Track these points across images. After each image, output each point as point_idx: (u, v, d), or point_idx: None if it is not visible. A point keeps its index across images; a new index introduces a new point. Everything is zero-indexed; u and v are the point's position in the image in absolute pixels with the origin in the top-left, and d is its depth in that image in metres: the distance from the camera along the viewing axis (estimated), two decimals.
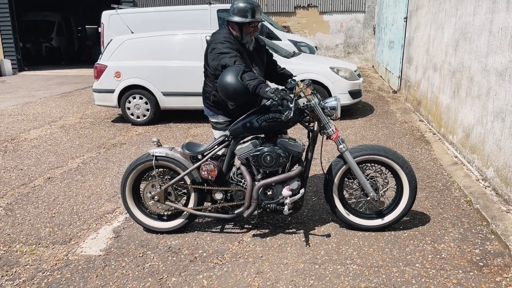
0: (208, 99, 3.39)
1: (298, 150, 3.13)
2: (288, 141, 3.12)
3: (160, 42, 6.94)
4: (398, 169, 3.13)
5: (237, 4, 3.15)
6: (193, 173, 3.24)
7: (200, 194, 3.28)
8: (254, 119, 3.06)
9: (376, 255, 2.97)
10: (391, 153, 3.13)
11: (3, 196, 4.28)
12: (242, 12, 3.13)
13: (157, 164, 3.25)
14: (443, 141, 5.48)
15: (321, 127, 3.08)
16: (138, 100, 7.09)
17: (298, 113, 3.05)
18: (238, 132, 3.13)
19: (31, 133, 6.83)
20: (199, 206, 3.29)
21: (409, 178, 3.13)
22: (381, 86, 10.54)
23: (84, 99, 9.97)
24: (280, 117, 3.00)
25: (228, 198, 3.28)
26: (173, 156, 3.23)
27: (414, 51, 7.85)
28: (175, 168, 3.25)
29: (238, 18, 3.14)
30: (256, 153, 3.08)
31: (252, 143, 3.13)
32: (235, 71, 2.87)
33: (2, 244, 3.33)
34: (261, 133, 3.14)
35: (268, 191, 3.15)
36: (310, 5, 15.34)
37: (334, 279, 2.72)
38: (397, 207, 3.23)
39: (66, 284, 2.78)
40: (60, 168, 5.10)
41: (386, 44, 11.66)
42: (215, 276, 2.80)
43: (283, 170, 3.17)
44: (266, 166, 3.10)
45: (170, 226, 3.38)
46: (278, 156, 3.06)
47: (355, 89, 6.89)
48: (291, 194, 3.07)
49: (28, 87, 12.26)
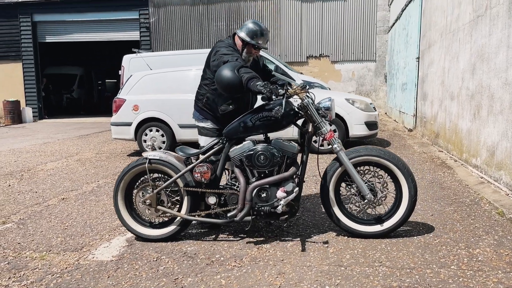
0: (200, 101, 3.42)
1: (292, 151, 3.05)
2: (283, 141, 3.09)
3: (176, 77, 7.13)
4: (397, 171, 2.99)
5: (251, 24, 3.29)
6: (186, 176, 3.14)
7: (193, 199, 3.16)
8: (247, 119, 3.07)
9: (406, 258, 2.76)
10: (389, 155, 3.00)
11: (16, 213, 4.19)
12: (252, 33, 3.26)
13: (151, 167, 3.17)
14: (466, 166, 5.31)
15: (315, 127, 3.03)
16: (154, 132, 7.15)
17: (292, 114, 3.04)
18: (232, 132, 3.10)
19: (47, 165, 6.85)
20: (192, 212, 3.15)
21: (408, 182, 2.97)
22: (395, 127, 10.50)
23: (101, 140, 10.11)
24: (273, 115, 2.97)
25: (221, 202, 3.17)
26: (166, 159, 3.16)
27: (428, 87, 7.89)
28: (169, 172, 3.17)
29: (246, 36, 3.26)
30: (250, 153, 3.02)
31: (246, 144, 3.10)
32: (233, 65, 2.98)
33: (11, 251, 3.20)
34: (255, 133, 3.09)
35: (262, 193, 3.02)
36: (322, 55, 15.82)
37: (362, 279, 2.51)
38: (397, 212, 3.05)
39: (76, 284, 2.62)
40: (75, 191, 5.04)
41: (399, 87, 11.79)
42: (234, 276, 2.61)
43: (278, 172, 3.07)
44: (260, 166, 3.02)
45: (162, 233, 3.22)
46: (272, 156, 2.99)
47: (371, 121, 6.86)
48: (286, 196, 2.95)
49: (47, 131, 12.55)
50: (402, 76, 11.21)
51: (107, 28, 16.07)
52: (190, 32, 15.80)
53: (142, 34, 15.79)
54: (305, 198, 4.34)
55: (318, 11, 15.42)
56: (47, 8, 15.99)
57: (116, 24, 15.99)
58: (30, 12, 16.04)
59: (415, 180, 3.01)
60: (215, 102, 3.33)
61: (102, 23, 16.01)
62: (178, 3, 15.70)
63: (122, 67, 10.17)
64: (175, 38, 15.85)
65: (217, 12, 15.60)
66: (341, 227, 3.12)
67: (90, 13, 15.86)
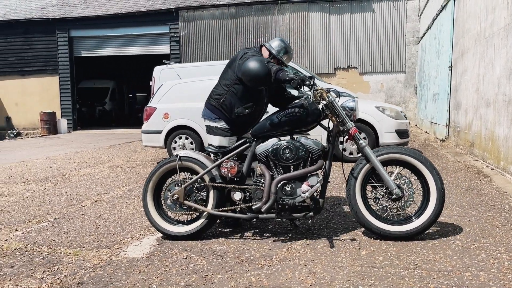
0: (216, 100, 3.44)
1: (317, 147, 3.09)
2: (307, 138, 3.15)
3: (205, 86, 7.20)
4: (420, 166, 2.94)
5: (279, 41, 3.48)
6: (213, 171, 3.22)
7: (219, 195, 3.21)
8: (274, 116, 3.15)
9: (443, 261, 2.65)
10: (410, 151, 2.98)
11: (51, 213, 4.31)
12: (279, 47, 3.45)
13: (181, 165, 3.25)
14: (504, 174, 5.10)
15: (339, 123, 3.03)
16: (184, 140, 7.25)
17: (317, 113, 3.10)
18: (259, 130, 3.18)
19: (81, 171, 7.05)
20: (217, 208, 3.20)
21: (433, 174, 2.91)
22: (427, 138, 10.25)
23: (131, 149, 10.34)
24: (299, 111, 3.06)
25: (246, 199, 3.20)
26: (196, 156, 3.26)
27: (462, 95, 7.68)
28: (198, 169, 3.25)
29: (274, 49, 3.42)
30: (275, 147, 3.09)
31: (271, 140, 3.17)
32: (262, 58, 3.14)
33: (46, 248, 3.28)
34: (280, 130, 3.14)
35: (287, 186, 3.05)
36: (350, 67, 15.72)
37: (397, 280, 2.42)
38: (427, 208, 2.95)
39: (109, 278, 2.65)
40: (107, 194, 5.15)
41: (430, 98, 11.54)
42: (264, 275, 2.57)
43: (303, 167, 3.09)
44: (285, 160, 3.07)
45: (189, 229, 3.25)
46: (297, 149, 3.04)
47: (402, 129, 6.72)
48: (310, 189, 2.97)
49: (81, 141, 12.95)
50: (434, 86, 10.97)
51: (138, 43, 16.58)
52: (219, 45, 16.08)
53: (172, 47, 16.18)
54: (335, 203, 4.27)
55: (346, 23, 15.40)
56: (83, 24, 16.69)
57: (147, 39, 16.48)
58: (67, 28, 16.77)
59: (439, 173, 2.95)
60: (232, 104, 3.37)
61: (134, 37, 16.54)
62: (207, 17, 16.05)
63: (153, 78, 10.41)
64: (204, 51, 16.15)
65: (246, 25, 15.83)
66: (367, 226, 3.03)
67: (122, 28, 16.44)
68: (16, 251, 3.18)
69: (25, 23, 16.99)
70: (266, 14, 15.72)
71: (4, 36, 17.18)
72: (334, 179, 5.43)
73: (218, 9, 15.94)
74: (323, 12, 15.48)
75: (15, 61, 17.14)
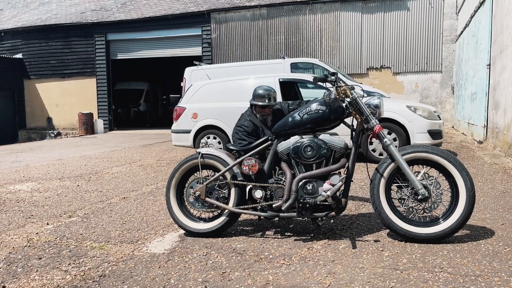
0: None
1: (340, 145, 3.02)
2: (330, 136, 3.09)
3: (234, 86, 7.27)
4: (448, 165, 2.79)
5: (255, 89, 3.80)
6: (234, 169, 3.22)
7: (240, 193, 3.21)
8: (295, 113, 3.12)
9: (471, 265, 2.53)
10: (438, 150, 2.84)
11: (81, 209, 4.46)
12: (253, 95, 3.79)
13: (203, 162, 3.28)
14: None
15: (363, 120, 2.95)
16: (212, 139, 7.32)
17: (340, 110, 3.03)
18: (281, 128, 3.15)
19: (113, 169, 7.25)
20: (238, 205, 3.19)
21: (462, 175, 2.76)
22: (463, 139, 9.85)
23: (163, 148, 10.54)
24: (322, 109, 3.01)
25: (267, 197, 3.17)
26: (218, 154, 3.28)
27: (501, 94, 7.32)
28: (219, 167, 3.26)
29: (251, 100, 3.81)
30: (297, 145, 3.04)
31: (293, 138, 3.13)
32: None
33: (74, 241, 3.39)
34: (302, 128, 3.10)
35: (308, 185, 2.99)
36: (383, 67, 15.36)
37: (420, 283, 2.32)
38: (456, 209, 2.80)
39: (129, 271, 2.70)
40: (135, 191, 5.27)
41: (468, 98, 11.08)
42: (282, 273, 2.54)
43: (325, 166, 3.03)
44: (306, 158, 3.01)
45: (210, 226, 3.26)
46: (318, 147, 2.98)
47: (435, 129, 6.47)
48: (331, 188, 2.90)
49: (115, 141, 13.35)
50: (471, 86, 10.53)
51: (172, 45, 16.91)
52: (250, 46, 16.13)
53: (204, 49, 16.39)
54: (360, 204, 4.17)
55: (380, 22, 15.07)
56: (119, 28, 17.20)
57: (180, 41, 16.78)
58: (105, 32, 17.34)
59: (469, 173, 2.80)
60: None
61: (168, 40, 16.88)
62: (239, 19, 16.14)
63: (184, 79, 10.60)
64: (235, 52, 16.26)
65: (277, 26, 15.80)
66: (393, 228, 2.93)
67: (156, 31, 16.81)
68: (45, 244, 3.31)
69: (65, 28, 17.72)
70: (298, 14, 15.63)
71: (46, 40, 17.99)
72: (362, 180, 5.31)
73: (249, 10, 16.00)
74: (356, 12, 15.22)
75: (55, 64, 17.91)
